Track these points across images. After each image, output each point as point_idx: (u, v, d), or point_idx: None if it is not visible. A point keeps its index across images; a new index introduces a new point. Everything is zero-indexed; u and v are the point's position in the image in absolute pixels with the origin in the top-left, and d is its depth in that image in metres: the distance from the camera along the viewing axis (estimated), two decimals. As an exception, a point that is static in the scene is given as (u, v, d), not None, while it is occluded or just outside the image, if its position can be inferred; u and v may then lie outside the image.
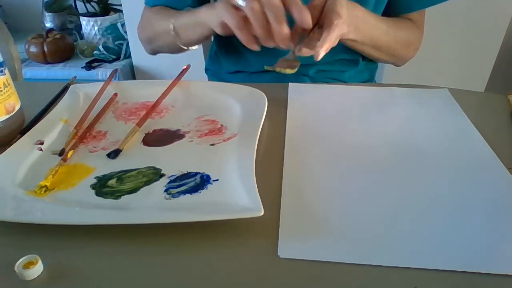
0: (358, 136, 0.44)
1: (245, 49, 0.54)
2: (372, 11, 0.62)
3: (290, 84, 0.60)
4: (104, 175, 0.40)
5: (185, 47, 0.67)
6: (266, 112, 0.48)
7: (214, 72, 0.84)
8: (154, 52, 0.76)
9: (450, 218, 0.35)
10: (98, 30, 1.67)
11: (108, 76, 0.71)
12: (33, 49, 1.58)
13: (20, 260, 0.30)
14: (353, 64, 0.75)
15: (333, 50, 0.74)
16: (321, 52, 0.50)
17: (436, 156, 0.43)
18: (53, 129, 0.47)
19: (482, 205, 0.36)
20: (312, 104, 0.55)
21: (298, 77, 0.67)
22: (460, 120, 0.51)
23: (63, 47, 1.63)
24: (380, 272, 0.30)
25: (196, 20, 0.60)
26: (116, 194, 0.37)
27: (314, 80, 0.72)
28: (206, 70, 0.87)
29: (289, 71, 0.51)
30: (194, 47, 0.68)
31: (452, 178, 0.40)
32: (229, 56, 0.78)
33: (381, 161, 0.42)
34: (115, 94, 0.55)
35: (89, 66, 1.59)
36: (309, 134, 0.47)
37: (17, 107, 0.47)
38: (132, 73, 1.66)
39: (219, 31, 0.55)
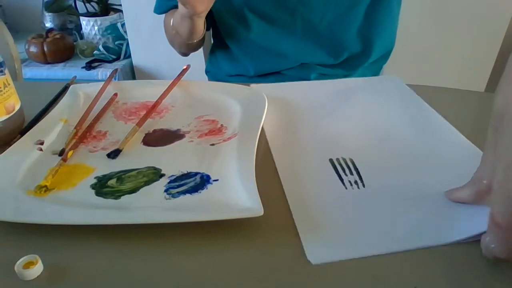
0: (330, 129, 0.44)
1: (241, 54, 0.52)
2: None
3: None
4: (104, 175, 0.40)
5: (189, 42, 0.70)
6: (266, 112, 0.48)
7: (214, 74, 0.84)
8: (182, 54, 0.80)
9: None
10: (98, 30, 1.67)
11: (108, 76, 0.71)
12: (33, 49, 1.58)
13: (20, 260, 0.30)
14: (354, 68, 0.75)
15: (335, 53, 0.74)
16: None
17: (407, 143, 0.44)
18: (53, 129, 0.47)
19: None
20: (281, 103, 0.54)
21: (299, 82, 0.67)
22: (417, 104, 0.52)
23: (63, 47, 1.63)
24: (380, 272, 0.30)
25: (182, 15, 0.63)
26: (116, 194, 0.37)
27: None
28: (207, 72, 0.87)
29: None
30: (195, 41, 0.70)
31: (428, 167, 0.41)
32: (227, 60, 0.78)
33: (359, 152, 0.43)
34: (115, 94, 0.55)
35: (89, 66, 1.58)
36: (288, 132, 0.47)
37: (17, 107, 0.47)
38: (132, 73, 1.66)
39: None
